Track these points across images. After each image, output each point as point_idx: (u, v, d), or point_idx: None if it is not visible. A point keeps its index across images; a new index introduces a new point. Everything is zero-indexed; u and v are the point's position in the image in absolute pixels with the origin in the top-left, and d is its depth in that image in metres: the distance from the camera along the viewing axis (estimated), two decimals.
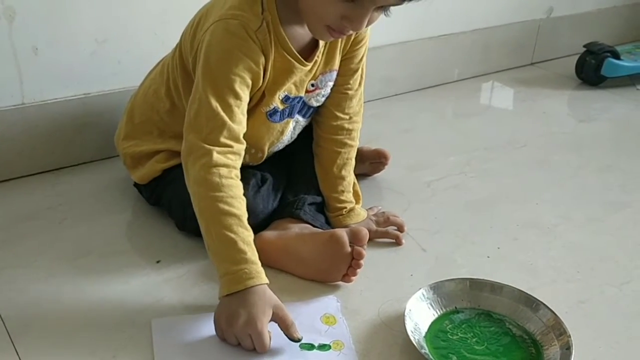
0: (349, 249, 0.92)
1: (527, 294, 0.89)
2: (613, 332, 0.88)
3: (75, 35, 1.16)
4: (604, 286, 0.98)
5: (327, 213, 1.07)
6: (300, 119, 1.04)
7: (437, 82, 1.82)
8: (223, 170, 0.85)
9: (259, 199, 0.99)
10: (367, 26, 0.87)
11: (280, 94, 0.96)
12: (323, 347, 0.82)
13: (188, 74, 0.97)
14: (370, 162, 1.25)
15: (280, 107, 0.97)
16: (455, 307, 0.90)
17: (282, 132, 1.02)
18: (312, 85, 0.99)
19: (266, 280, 0.82)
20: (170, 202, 1.04)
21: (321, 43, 0.96)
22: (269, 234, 0.97)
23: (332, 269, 0.94)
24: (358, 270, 0.93)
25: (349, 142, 1.07)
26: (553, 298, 0.89)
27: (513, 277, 0.95)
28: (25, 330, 0.83)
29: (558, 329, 0.84)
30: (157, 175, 1.05)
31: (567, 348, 0.80)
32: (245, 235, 0.83)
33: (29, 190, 1.16)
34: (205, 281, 0.94)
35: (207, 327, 0.84)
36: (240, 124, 0.88)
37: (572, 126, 1.64)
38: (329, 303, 0.90)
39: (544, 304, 0.87)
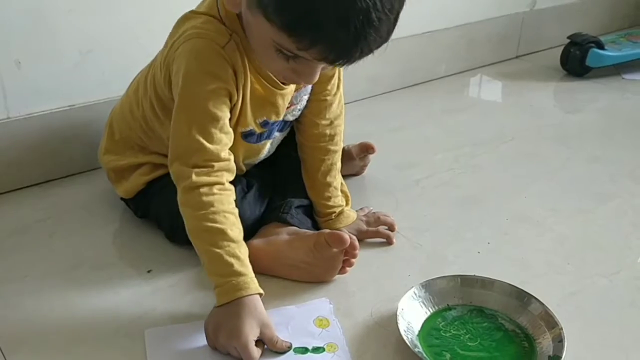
0: (337, 250, 0.92)
1: (518, 288, 0.90)
2: (604, 322, 0.89)
3: (58, 48, 1.16)
4: (595, 277, 0.98)
5: (317, 218, 1.07)
6: (277, 134, 1.04)
7: (424, 79, 1.82)
8: (204, 189, 0.85)
9: (245, 205, 0.99)
10: (323, 76, 0.90)
11: (259, 117, 0.95)
12: (317, 350, 0.82)
13: (159, 98, 0.97)
14: (359, 158, 1.26)
15: (257, 130, 0.97)
16: (447, 305, 0.90)
17: (259, 152, 1.03)
18: (289, 102, 0.99)
19: (258, 291, 0.82)
20: (158, 213, 1.04)
21: None
22: (258, 242, 0.97)
23: (325, 270, 0.94)
24: (354, 260, 0.93)
25: (332, 148, 1.06)
26: (544, 291, 0.90)
27: (504, 272, 0.95)
28: (18, 345, 0.83)
29: (550, 322, 0.84)
30: (141, 188, 1.05)
31: (559, 340, 0.81)
32: (231, 248, 0.83)
33: (17, 204, 1.16)
34: (197, 289, 0.93)
35: (201, 336, 0.83)
36: (219, 143, 0.88)
37: (559, 118, 1.65)
38: (321, 306, 0.90)
39: (535, 298, 0.87)
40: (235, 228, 0.86)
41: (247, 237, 0.98)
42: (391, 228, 1.08)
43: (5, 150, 1.16)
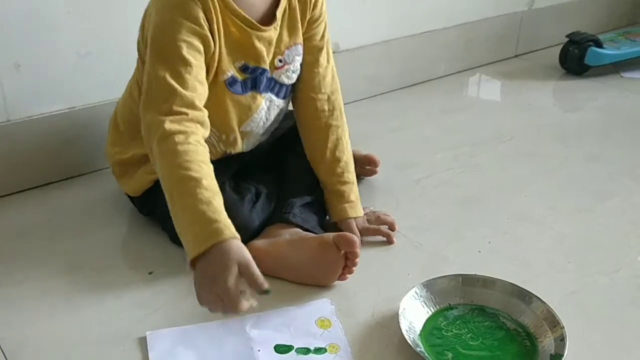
0: (340, 253, 0.92)
1: (519, 287, 0.90)
2: (606, 321, 0.89)
3: (57, 50, 1.16)
4: (595, 275, 0.99)
5: (329, 204, 1.05)
6: (274, 98, 1.02)
7: (423, 79, 1.82)
8: (179, 137, 0.82)
9: (255, 214, 0.99)
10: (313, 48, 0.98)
11: (237, 61, 0.94)
12: (319, 350, 0.82)
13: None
14: (361, 167, 1.25)
15: (240, 77, 0.96)
16: (449, 304, 0.90)
17: (250, 108, 0.99)
18: (280, 61, 0.99)
19: (231, 235, 0.78)
20: (163, 214, 1.03)
21: (279, 13, 0.96)
22: (260, 242, 0.97)
23: (326, 273, 0.94)
24: (354, 268, 0.93)
25: (333, 122, 1.06)
26: (545, 290, 0.90)
27: (505, 271, 0.96)
28: (20, 348, 0.83)
29: (551, 321, 0.84)
30: (148, 186, 1.04)
31: (561, 339, 0.81)
32: (204, 196, 0.79)
33: (18, 207, 1.16)
34: None
35: (203, 337, 0.84)
36: (194, 90, 0.86)
37: (558, 117, 1.65)
38: (323, 306, 0.90)
39: (537, 297, 0.88)
40: (210, 179, 0.82)
41: (250, 237, 0.99)
42: (391, 227, 1.08)
43: (6, 153, 1.16)
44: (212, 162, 1.01)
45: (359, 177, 1.25)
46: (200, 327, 0.86)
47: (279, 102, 1.04)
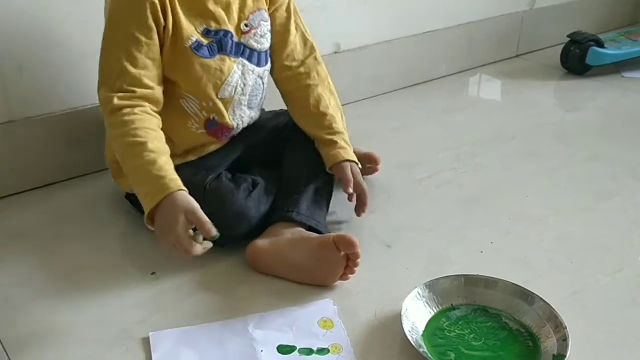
0: (342, 253, 0.92)
1: (522, 287, 0.90)
2: (608, 321, 0.89)
3: (60, 51, 1.16)
4: (598, 276, 0.99)
5: (323, 154, 1.07)
6: (247, 63, 1.04)
7: (425, 78, 1.83)
8: (126, 110, 0.91)
9: (250, 202, 0.99)
10: (279, 17, 1.06)
11: (198, 26, 0.98)
12: (322, 351, 0.82)
13: None
14: (363, 165, 1.25)
15: (205, 41, 0.99)
16: (452, 305, 0.90)
17: (222, 71, 1.01)
18: (246, 25, 1.02)
19: (176, 188, 0.86)
20: None
21: None
22: (262, 242, 0.98)
23: (327, 274, 0.94)
24: (355, 269, 0.93)
25: (312, 83, 1.10)
26: (548, 290, 0.90)
27: (507, 271, 0.96)
28: (23, 348, 0.83)
29: (554, 321, 0.84)
30: None
31: (563, 340, 0.81)
32: (150, 158, 0.87)
33: (21, 207, 1.16)
34: (201, 291, 0.94)
35: (206, 338, 0.84)
36: (144, 68, 0.93)
37: (559, 117, 1.65)
38: (325, 307, 0.90)
39: (539, 297, 0.88)
40: (156, 141, 0.90)
41: (254, 236, 0.99)
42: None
43: (8, 154, 1.16)
44: (210, 154, 1.06)
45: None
46: (203, 328, 0.86)
47: (253, 68, 1.05)
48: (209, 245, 0.88)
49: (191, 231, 0.86)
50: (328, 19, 1.52)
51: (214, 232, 0.85)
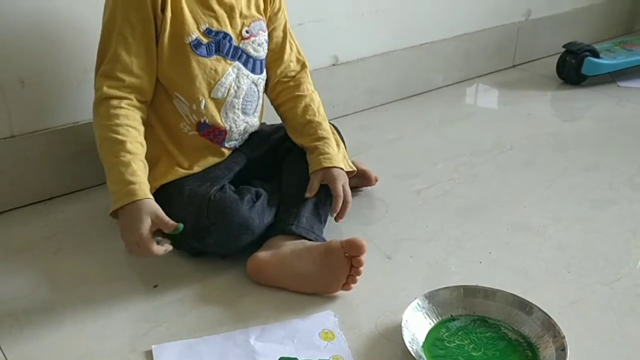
0: (346, 259, 0.93)
1: (520, 297, 0.91)
2: (606, 330, 0.90)
3: (62, 66, 1.18)
4: (595, 285, 1.00)
5: (309, 157, 1.10)
6: (242, 67, 1.07)
7: (422, 89, 1.84)
8: (114, 102, 0.95)
9: (254, 213, 1.00)
10: (276, 37, 1.12)
11: (201, 24, 1.01)
12: None
13: None
14: (358, 178, 1.27)
15: (204, 39, 1.01)
16: (451, 315, 0.91)
17: (216, 71, 1.03)
18: (247, 32, 1.06)
19: (143, 196, 0.91)
20: None
21: None
22: (263, 254, 0.98)
23: (331, 280, 0.95)
24: (358, 277, 0.94)
25: (299, 94, 1.14)
26: (546, 300, 0.91)
27: (506, 281, 0.97)
28: None
29: (552, 331, 0.85)
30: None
31: (562, 349, 0.82)
32: (126, 159, 0.92)
33: (23, 221, 1.17)
34: (204, 304, 0.95)
35: (209, 351, 0.85)
36: (137, 56, 0.97)
37: (556, 126, 1.67)
38: (326, 318, 0.91)
39: (537, 307, 0.89)
40: (135, 142, 0.94)
41: (256, 246, 1.00)
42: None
43: (10, 168, 1.17)
44: (214, 166, 1.07)
45: (358, 188, 1.27)
46: (205, 340, 0.87)
47: (247, 73, 1.08)
48: (169, 247, 0.93)
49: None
50: (326, 32, 1.54)
51: (176, 224, 0.91)
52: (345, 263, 0.93)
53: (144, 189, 0.92)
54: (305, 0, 1.47)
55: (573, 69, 1.88)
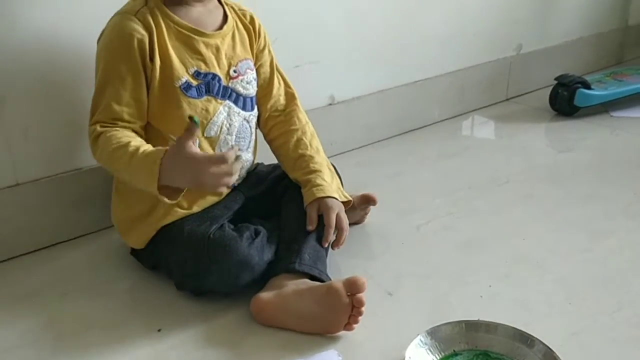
0: (348, 299, 0.94)
1: (521, 330, 0.91)
2: None
3: (65, 115, 1.20)
4: (596, 316, 1.00)
5: (303, 191, 1.12)
6: (233, 105, 1.09)
7: (418, 125, 1.87)
8: (107, 131, 0.99)
9: (253, 250, 1.00)
10: (265, 73, 1.17)
11: (189, 67, 1.04)
12: None
13: None
14: (360, 208, 1.28)
15: (194, 82, 1.04)
16: (454, 350, 0.92)
17: (207, 111, 1.06)
18: (235, 71, 1.09)
19: (163, 151, 0.93)
20: (168, 260, 1.06)
21: (226, 26, 1.09)
22: (266, 295, 0.99)
23: (334, 320, 0.95)
24: (360, 317, 0.95)
25: (291, 127, 1.18)
26: (547, 332, 0.92)
27: (507, 314, 0.98)
28: None
29: None
30: (152, 235, 1.07)
31: None
32: (132, 149, 0.95)
33: (27, 268, 1.18)
34: (207, 345, 0.95)
35: None
36: (128, 106, 1.01)
37: (551, 158, 1.69)
38: (330, 357, 0.92)
39: (539, 340, 0.89)
40: (134, 140, 0.97)
41: (257, 284, 1.01)
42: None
43: (14, 216, 1.19)
44: (212, 205, 1.10)
45: (358, 224, 1.29)
46: None
47: (238, 110, 1.10)
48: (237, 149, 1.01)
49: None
50: (322, 73, 1.57)
51: (192, 123, 0.91)
52: (347, 304, 0.93)
53: (159, 149, 0.94)
54: (302, 43, 1.51)
55: (565, 100, 1.91)
